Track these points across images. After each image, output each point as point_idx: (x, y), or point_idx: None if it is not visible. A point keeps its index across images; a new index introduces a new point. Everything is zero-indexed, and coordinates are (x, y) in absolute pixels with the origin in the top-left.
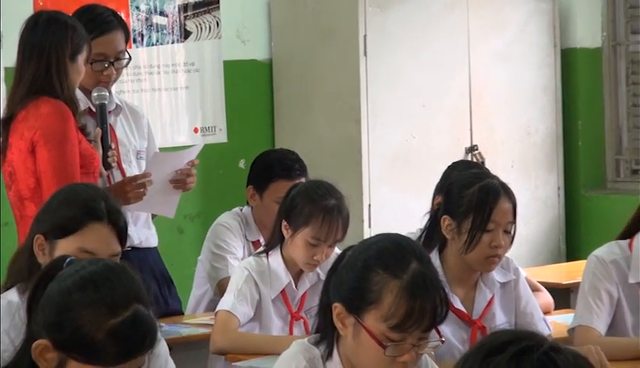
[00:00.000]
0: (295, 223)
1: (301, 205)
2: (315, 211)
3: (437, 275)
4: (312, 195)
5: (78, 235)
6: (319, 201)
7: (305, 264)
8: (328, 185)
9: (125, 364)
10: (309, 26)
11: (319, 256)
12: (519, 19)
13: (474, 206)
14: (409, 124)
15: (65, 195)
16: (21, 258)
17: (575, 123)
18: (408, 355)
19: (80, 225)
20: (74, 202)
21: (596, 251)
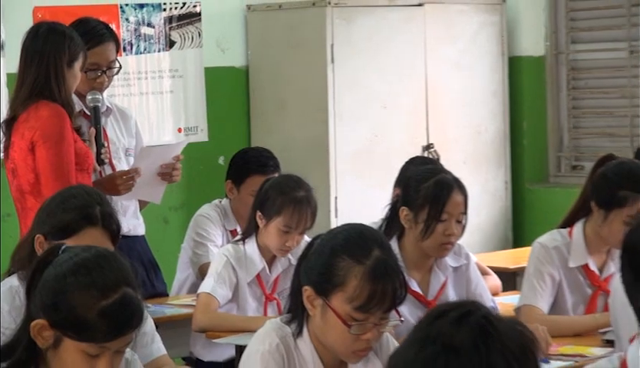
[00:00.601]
0: (268, 213)
1: (274, 197)
2: (286, 202)
3: (396, 261)
4: (283, 187)
5: (75, 238)
6: (290, 193)
7: (278, 250)
8: (298, 178)
9: (115, 341)
10: (282, 36)
11: (291, 242)
12: (470, 30)
13: (430, 198)
14: (371, 124)
15: (63, 199)
16: (23, 250)
17: (520, 123)
18: (371, 333)
19: (76, 229)
20: (71, 207)
21: (540, 238)
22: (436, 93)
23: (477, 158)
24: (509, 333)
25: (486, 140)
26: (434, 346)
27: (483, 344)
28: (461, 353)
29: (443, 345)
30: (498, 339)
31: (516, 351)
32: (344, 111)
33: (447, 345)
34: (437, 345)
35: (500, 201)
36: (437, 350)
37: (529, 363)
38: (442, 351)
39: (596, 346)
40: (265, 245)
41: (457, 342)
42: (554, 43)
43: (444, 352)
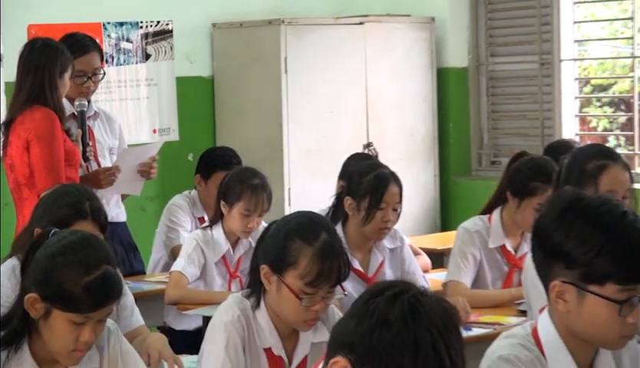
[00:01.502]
0: (230, 200)
1: (234, 186)
2: (245, 189)
3: (341, 243)
4: (241, 177)
5: None
6: (247, 181)
7: (241, 232)
8: (253, 169)
9: (97, 311)
10: (242, 50)
11: (252, 224)
12: (404, 45)
13: (370, 190)
14: (319, 126)
15: (56, 196)
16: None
17: (447, 125)
18: (319, 305)
19: (69, 223)
20: (63, 204)
21: (463, 223)
22: (375, 100)
23: (410, 155)
24: (435, 310)
25: (418, 140)
26: (371, 320)
27: (412, 320)
28: (393, 328)
29: (378, 319)
30: (425, 316)
31: (440, 326)
32: (296, 115)
33: (382, 320)
34: (373, 319)
35: (430, 192)
36: (373, 324)
37: (452, 337)
38: (377, 325)
39: (512, 316)
40: (230, 229)
41: (390, 317)
42: (475, 56)
43: (379, 326)
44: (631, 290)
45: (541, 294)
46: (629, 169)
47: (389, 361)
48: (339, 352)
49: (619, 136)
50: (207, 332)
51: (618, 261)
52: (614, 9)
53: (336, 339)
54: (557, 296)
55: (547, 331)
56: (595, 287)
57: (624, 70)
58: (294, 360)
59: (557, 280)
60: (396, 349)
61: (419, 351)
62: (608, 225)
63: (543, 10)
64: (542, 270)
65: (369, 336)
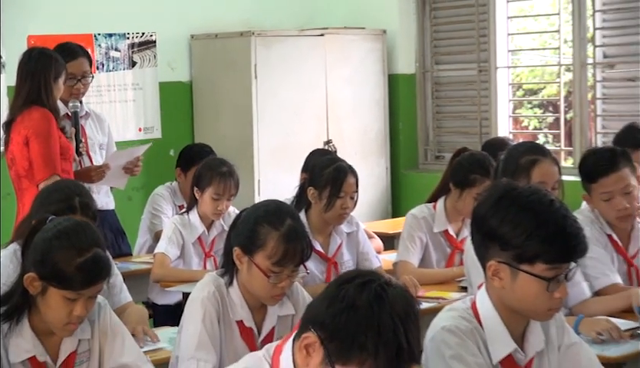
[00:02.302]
0: (202, 186)
1: (204, 173)
2: (214, 175)
3: (303, 228)
4: (211, 165)
5: None
6: (216, 168)
7: (212, 214)
8: (222, 159)
9: (88, 289)
10: (217, 58)
11: (221, 207)
12: (359, 54)
13: (331, 180)
14: (285, 126)
15: (51, 192)
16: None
17: (397, 124)
18: (285, 282)
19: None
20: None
21: (411, 210)
22: (333, 102)
23: (365, 150)
24: (398, 299)
25: (371, 137)
26: (341, 303)
27: (377, 306)
28: (360, 312)
29: (347, 303)
30: (389, 303)
31: (401, 314)
32: (265, 116)
33: (350, 304)
34: (343, 303)
35: (382, 183)
36: (343, 307)
37: (411, 323)
38: (346, 308)
39: (454, 291)
40: (204, 213)
41: (358, 302)
42: (422, 64)
43: (347, 309)
44: (557, 269)
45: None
46: (557, 163)
47: (353, 340)
48: (310, 328)
49: (547, 134)
50: (186, 306)
51: (546, 244)
52: (543, 23)
53: (309, 316)
54: (493, 274)
55: (484, 305)
56: (526, 266)
57: (551, 77)
58: (262, 331)
59: (493, 261)
60: (360, 331)
61: (380, 334)
62: (537, 212)
63: (481, 23)
64: (479, 251)
65: (338, 317)
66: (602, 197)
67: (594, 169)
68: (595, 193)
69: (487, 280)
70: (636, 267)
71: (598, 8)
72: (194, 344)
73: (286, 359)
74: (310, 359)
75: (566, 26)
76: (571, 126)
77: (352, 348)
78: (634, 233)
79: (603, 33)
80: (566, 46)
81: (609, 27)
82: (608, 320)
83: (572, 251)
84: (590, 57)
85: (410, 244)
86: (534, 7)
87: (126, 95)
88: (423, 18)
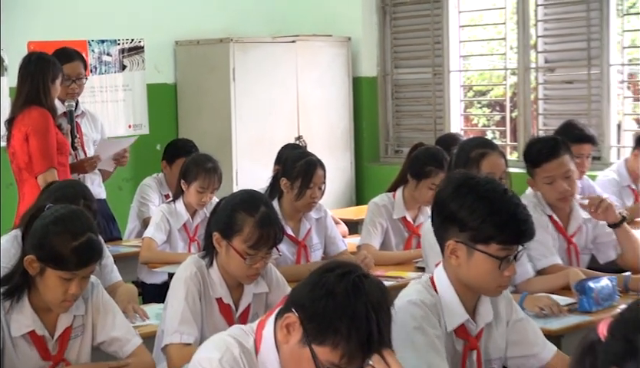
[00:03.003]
0: (188, 179)
1: (191, 168)
2: (200, 171)
3: (276, 214)
4: (197, 161)
5: None
6: (202, 164)
7: (197, 205)
8: (207, 155)
9: (82, 270)
10: (199, 62)
11: (205, 199)
12: (327, 59)
13: (302, 173)
14: (260, 123)
15: (54, 190)
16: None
17: (361, 122)
18: (259, 263)
19: None
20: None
21: (373, 199)
22: (304, 102)
23: (332, 145)
24: (373, 290)
25: (338, 134)
26: (321, 290)
27: (354, 295)
28: (337, 299)
29: (327, 290)
30: (364, 293)
31: (375, 303)
32: (242, 114)
33: (330, 291)
34: (323, 290)
35: (347, 174)
36: (322, 293)
37: (383, 313)
38: (325, 294)
39: (411, 271)
40: (189, 203)
41: (337, 290)
42: (383, 68)
43: (326, 295)
44: (508, 250)
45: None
46: (504, 156)
47: (329, 324)
48: (292, 309)
49: (495, 131)
50: (171, 285)
51: (499, 227)
52: (491, 31)
53: (293, 298)
54: (451, 253)
55: (441, 280)
56: (481, 246)
57: (498, 79)
58: (239, 307)
59: (451, 240)
60: (336, 316)
61: (354, 320)
62: (492, 199)
63: (436, 32)
64: (439, 232)
65: (317, 302)
66: (545, 180)
67: (538, 155)
68: (538, 177)
69: (445, 259)
70: (574, 245)
71: (540, 18)
72: (178, 319)
73: (268, 335)
74: (289, 337)
75: (512, 34)
76: (515, 123)
77: (328, 331)
78: (572, 214)
79: (544, 40)
80: (512, 52)
81: (550, 35)
82: (549, 297)
83: (521, 234)
84: (533, 62)
85: (372, 229)
86: (483, 17)
87: (117, 95)
88: (384, 26)
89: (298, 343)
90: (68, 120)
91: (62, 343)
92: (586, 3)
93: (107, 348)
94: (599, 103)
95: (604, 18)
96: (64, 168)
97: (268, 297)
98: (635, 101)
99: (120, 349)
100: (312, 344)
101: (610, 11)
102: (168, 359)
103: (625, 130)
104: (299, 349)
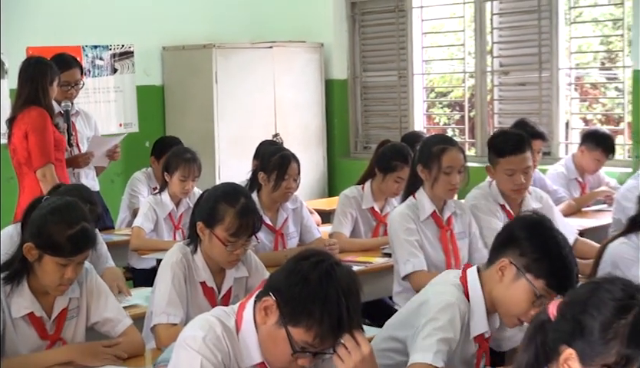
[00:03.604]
0: (170, 170)
1: (172, 160)
2: (180, 161)
3: (255, 205)
4: (178, 153)
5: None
6: (182, 155)
7: (180, 193)
8: (186, 147)
9: (77, 256)
10: (184, 66)
11: (187, 186)
12: (301, 63)
13: (277, 165)
14: (241, 122)
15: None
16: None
17: (333, 120)
18: (239, 250)
19: None
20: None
21: (344, 191)
22: (280, 102)
23: (306, 142)
24: (344, 277)
25: (312, 131)
26: (296, 276)
27: (326, 281)
28: (311, 284)
29: (302, 277)
30: (336, 280)
31: (345, 289)
32: (224, 114)
33: (304, 277)
34: (298, 276)
35: (320, 168)
36: (297, 279)
37: (352, 298)
38: (300, 280)
39: (378, 257)
40: (174, 193)
41: (310, 277)
42: (352, 71)
43: (301, 281)
44: (548, 294)
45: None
46: (463, 152)
47: (303, 307)
48: (270, 293)
49: (454, 129)
50: (158, 270)
51: (555, 273)
52: (450, 38)
53: (271, 283)
54: (500, 268)
55: (474, 286)
56: (530, 276)
57: (458, 82)
58: (222, 290)
59: (507, 259)
60: (310, 300)
61: (326, 304)
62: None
63: (401, 38)
64: (499, 246)
65: (293, 287)
66: (506, 172)
67: (504, 147)
68: (500, 167)
69: (490, 270)
70: None
71: (496, 26)
72: (165, 301)
73: (248, 316)
74: (267, 318)
75: (470, 41)
76: (473, 122)
77: (302, 314)
78: (523, 203)
79: (499, 46)
80: (470, 57)
81: (504, 41)
82: None
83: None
84: (489, 66)
85: (342, 218)
86: (444, 25)
87: (109, 96)
88: (353, 33)
89: (275, 324)
90: (64, 120)
91: (59, 323)
92: (537, 12)
93: (100, 328)
94: (549, 103)
95: (553, 26)
96: (61, 163)
97: (248, 281)
98: (582, 102)
99: (112, 329)
100: (288, 326)
101: (559, 19)
102: (156, 338)
103: (572, 128)
104: (276, 329)
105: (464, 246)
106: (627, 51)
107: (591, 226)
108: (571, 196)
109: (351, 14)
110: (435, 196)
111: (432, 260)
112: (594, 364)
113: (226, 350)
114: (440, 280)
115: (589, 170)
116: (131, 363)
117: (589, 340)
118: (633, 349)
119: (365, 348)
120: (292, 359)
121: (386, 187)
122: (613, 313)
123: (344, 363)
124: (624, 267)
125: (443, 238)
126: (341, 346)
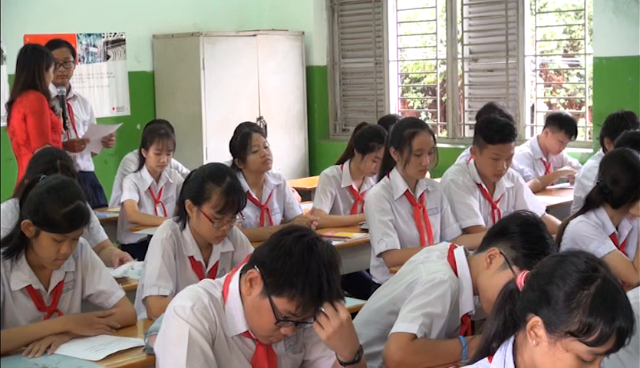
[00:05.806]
0: (146, 146)
1: (147, 136)
2: (154, 136)
3: (240, 184)
4: (152, 129)
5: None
6: (156, 131)
7: (156, 166)
8: (160, 121)
9: (72, 232)
10: (173, 53)
11: (163, 160)
12: (283, 50)
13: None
14: (227, 106)
15: (39, 157)
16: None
17: (313, 105)
18: (226, 226)
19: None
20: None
21: (324, 170)
22: (264, 88)
23: (288, 125)
24: (324, 251)
25: (293, 114)
26: (280, 250)
27: (308, 255)
28: (294, 258)
29: (285, 250)
30: (317, 254)
31: (326, 263)
32: (211, 98)
33: (287, 251)
34: (281, 250)
35: (301, 150)
36: (281, 253)
37: (333, 271)
38: (283, 253)
39: (356, 232)
40: (152, 167)
41: (293, 250)
42: (332, 58)
43: (284, 254)
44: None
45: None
46: (433, 135)
47: (286, 279)
48: (255, 266)
49: (428, 112)
50: (149, 245)
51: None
52: (424, 27)
53: (255, 256)
54: (489, 256)
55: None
56: (515, 269)
57: (430, 68)
58: (209, 264)
59: (498, 248)
60: (292, 272)
61: (307, 276)
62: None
63: (377, 27)
64: (494, 234)
65: (276, 260)
66: (492, 156)
67: (495, 135)
68: (487, 151)
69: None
70: (498, 210)
71: (466, 16)
72: (156, 275)
73: (234, 287)
74: (252, 289)
75: (441, 29)
76: (445, 106)
77: (285, 285)
78: (498, 183)
79: (469, 35)
80: (441, 45)
81: (474, 30)
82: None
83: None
84: (459, 53)
85: (323, 196)
86: (417, 14)
87: (102, 82)
88: (332, 22)
89: (260, 295)
90: (60, 103)
91: (55, 295)
92: (505, 2)
93: (94, 300)
94: (516, 88)
95: (520, 16)
96: (57, 145)
97: (234, 255)
98: (546, 87)
99: (105, 300)
100: (271, 296)
101: (525, 9)
102: (147, 309)
103: (537, 112)
104: (260, 300)
105: (436, 222)
106: (588, 40)
107: (555, 203)
108: (536, 175)
109: (331, 4)
110: (407, 176)
111: (407, 236)
112: (558, 331)
113: (213, 319)
114: (431, 257)
115: (553, 151)
116: (124, 333)
117: (554, 309)
118: (594, 318)
119: (343, 314)
120: (276, 327)
121: (364, 166)
122: (577, 284)
123: (323, 329)
124: (582, 244)
125: (417, 215)
126: (321, 314)
